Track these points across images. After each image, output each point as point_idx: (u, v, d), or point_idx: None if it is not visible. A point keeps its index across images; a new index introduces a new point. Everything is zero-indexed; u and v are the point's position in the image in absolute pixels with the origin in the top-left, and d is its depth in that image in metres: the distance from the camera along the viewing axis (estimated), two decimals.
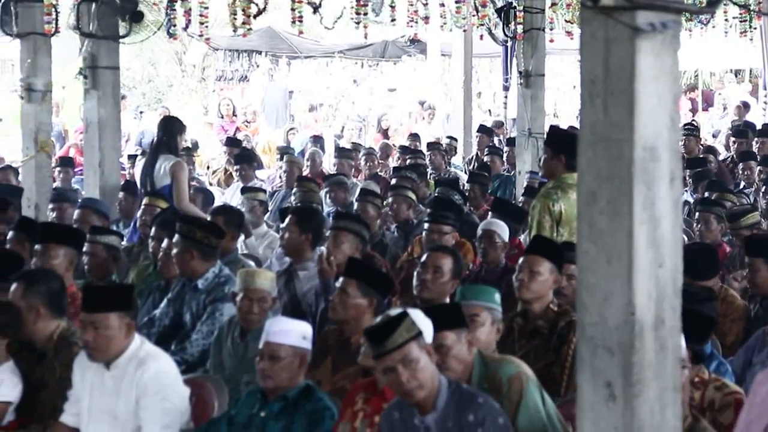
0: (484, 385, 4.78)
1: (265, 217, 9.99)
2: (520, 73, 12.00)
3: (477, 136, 15.51)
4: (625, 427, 3.24)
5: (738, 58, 22.12)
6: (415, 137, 16.14)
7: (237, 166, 12.21)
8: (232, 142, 14.61)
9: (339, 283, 5.88)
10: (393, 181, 10.80)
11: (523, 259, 6.02)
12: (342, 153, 13.27)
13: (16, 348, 5.72)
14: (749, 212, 8.64)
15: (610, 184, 3.25)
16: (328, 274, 6.84)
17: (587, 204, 3.31)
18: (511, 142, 13.68)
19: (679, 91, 3.40)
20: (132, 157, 13.79)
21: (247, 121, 19.36)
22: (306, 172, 12.23)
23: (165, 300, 7.02)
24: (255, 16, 11.53)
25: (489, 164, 13.27)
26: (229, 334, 6.23)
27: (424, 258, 6.58)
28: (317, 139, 15.83)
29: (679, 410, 3.38)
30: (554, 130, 7.94)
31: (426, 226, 8.12)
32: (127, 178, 11.97)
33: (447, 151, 14.41)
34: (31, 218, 8.92)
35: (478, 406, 4.43)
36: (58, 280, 5.90)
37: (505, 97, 16.69)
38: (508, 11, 12.18)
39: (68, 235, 7.22)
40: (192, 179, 12.13)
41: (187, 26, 11.78)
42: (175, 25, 11.55)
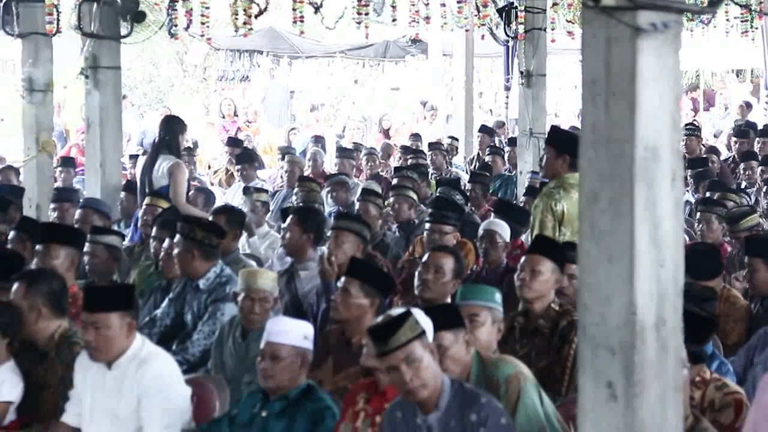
0: (482, 386, 4.76)
1: (267, 217, 9.98)
2: (522, 73, 11.99)
3: (478, 136, 15.53)
4: (626, 427, 3.24)
5: (739, 58, 22.11)
6: (416, 137, 16.14)
7: (238, 166, 12.21)
8: (233, 142, 14.60)
9: (341, 282, 5.88)
10: (394, 181, 10.80)
11: (524, 259, 6.02)
12: (343, 153, 13.25)
13: (17, 348, 5.72)
14: (748, 214, 8.63)
15: (612, 184, 3.25)
16: (329, 274, 6.84)
17: (588, 204, 3.31)
18: (513, 142, 13.68)
19: (681, 91, 3.40)
20: (133, 157, 13.79)
21: (249, 121, 19.37)
22: (307, 172, 12.23)
23: (166, 300, 7.02)
24: (256, 16, 11.54)
25: (490, 164, 13.28)
26: (231, 334, 6.23)
27: (425, 258, 6.58)
28: (318, 139, 15.83)
29: (680, 410, 3.38)
30: (556, 129, 7.93)
31: (427, 226, 8.11)
32: (129, 178, 11.95)
33: (448, 151, 14.41)
34: (33, 218, 8.92)
35: (480, 405, 4.42)
36: (60, 280, 5.90)
37: (507, 97, 16.71)
38: (509, 11, 12.16)
39: (69, 235, 7.21)
40: (193, 179, 12.14)
41: (188, 26, 11.78)
42: (176, 25, 11.55)
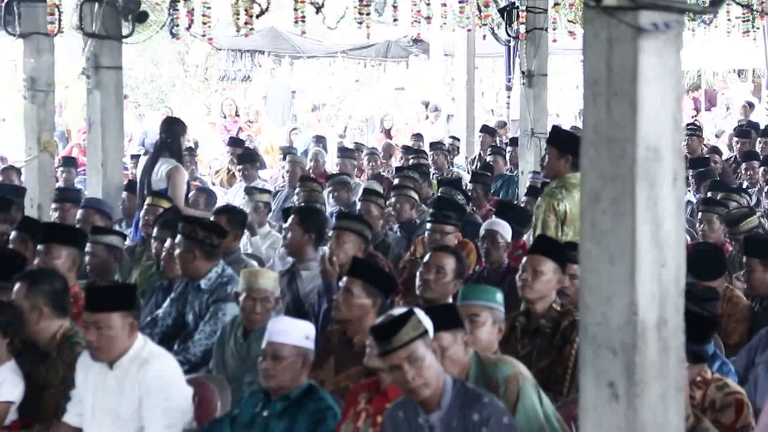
0: (481, 387, 4.76)
1: (268, 217, 9.99)
2: (523, 73, 11.99)
3: (480, 136, 15.53)
4: (627, 427, 3.24)
5: (741, 58, 22.10)
6: (417, 137, 16.13)
7: (240, 166, 12.20)
8: (234, 142, 14.59)
9: (343, 282, 5.87)
10: (396, 181, 10.79)
11: (526, 259, 6.02)
12: (345, 153, 13.25)
13: (19, 348, 5.72)
14: (747, 216, 8.62)
15: (613, 184, 3.24)
16: (330, 274, 6.83)
17: (590, 204, 3.31)
18: (514, 142, 13.67)
19: (682, 91, 3.41)
20: (135, 156, 13.80)
21: (250, 121, 19.37)
22: (309, 172, 12.23)
23: (168, 300, 7.02)
24: (258, 16, 11.53)
25: (492, 164, 13.28)
26: (232, 334, 6.23)
27: (426, 258, 6.58)
28: (320, 139, 15.82)
29: (682, 410, 3.38)
30: (557, 129, 7.92)
31: (428, 226, 8.11)
32: (130, 178, 11.95)
33: (450, 151, 14.40)
34: (34, 218, 8.93)
35: (482, 405, 4.42)
36: (61, 280, 5.90)
37: (508, 97, 16.71)
38: (510, 11, 12.17)
39: (71, 235, 7.21)
40: (195, 179, 12.14)
41: (189, 26, 11.77)
42: (177, 25, 11.55)
